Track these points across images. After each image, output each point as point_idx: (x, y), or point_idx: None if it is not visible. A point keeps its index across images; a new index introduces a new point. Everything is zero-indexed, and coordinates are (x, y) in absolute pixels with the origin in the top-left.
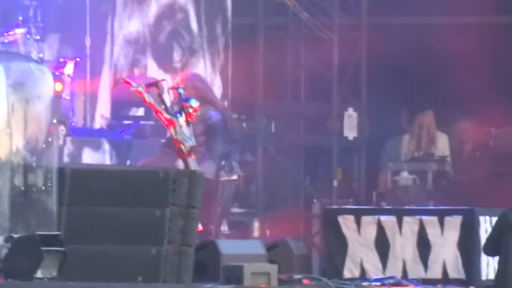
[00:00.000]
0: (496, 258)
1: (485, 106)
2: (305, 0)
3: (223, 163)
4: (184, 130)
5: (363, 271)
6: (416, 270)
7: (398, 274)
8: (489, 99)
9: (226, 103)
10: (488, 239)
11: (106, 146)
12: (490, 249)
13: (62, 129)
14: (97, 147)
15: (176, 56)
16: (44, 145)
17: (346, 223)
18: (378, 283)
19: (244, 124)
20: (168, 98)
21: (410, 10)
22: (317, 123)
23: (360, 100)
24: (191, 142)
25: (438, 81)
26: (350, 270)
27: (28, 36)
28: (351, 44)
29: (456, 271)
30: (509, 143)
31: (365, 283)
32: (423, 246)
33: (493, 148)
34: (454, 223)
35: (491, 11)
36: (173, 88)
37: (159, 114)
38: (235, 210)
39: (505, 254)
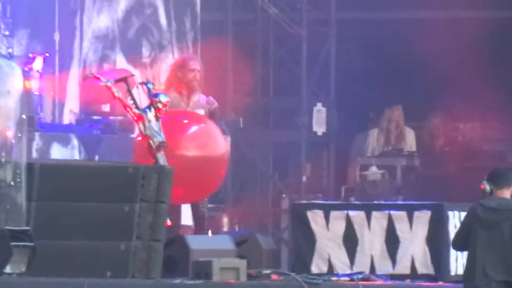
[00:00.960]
0: (465, 253)
1: (453, 101)
2: None
3: None
4: (153, 125)
5: (330, 266)
6: (384, 266)
7: (366, 270)
8: (457, 94)
9: None
10: (457, 234)
11: (75, 141)
12: (459, 244)
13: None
14: (65, 143)
15: (145, 51)
16: (13, 141)
17: (315, 218)
18: (347, 278)
19: None
20: (137, 93)
21: (379, 5)
22: (286, 118)
23: (329, 95)
24: (160, 138)
25: (407, 76)
26: (317, 266)
27: None
28: (320, 39)
29: (424, 266)
30: (476, 138)
31: (334, 278)
32: (392, 241)
33: (462, 143)
34: (422, 218)
35: (462, 6)
36: (142, 83)
37: (128, 109)
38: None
39: (473, 249)
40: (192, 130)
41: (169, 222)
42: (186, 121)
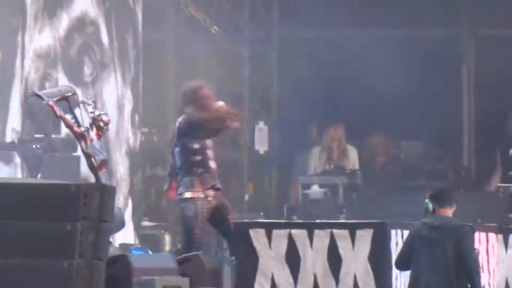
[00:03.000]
0: (406, 272)
1: (395, 119)
2: (216, 14)
3: None
4: (94, 144)
5: (274, 285)
6: (327, 284)
7: None
8: (399, 113)
9: (137, 117)
10: (400, 253)
11: (17, 159)
12: (402, 263)
13: None
14: (8, 161)
15: (87, 69)
16: None
17: (257, 236)
18: None
19: (155, 138)
20: (79, 111)
21: (321, 23)
22: (227, 136)
23: (270, 113)
24: (101, 156)
25: (349, 94)
26: (260, 284)
27: None
28: (262, 58)
29: (367, 284)
30: (417, 156)
31: None
32: (334, 259)
33: (404, 161)
34: (365, 236)
35: (401, 24)
36: (83, 102)
37: (70, 127)
38: (146, 223)
39: (417, 268)
40: None
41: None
42: None
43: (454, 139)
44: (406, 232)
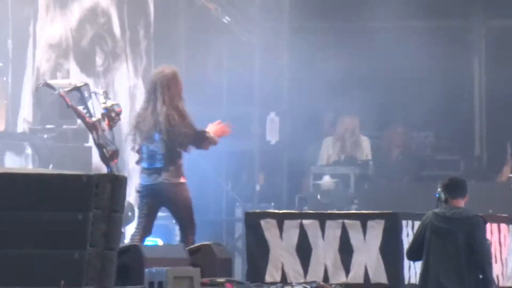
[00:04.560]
0: (418, 262)
1: (405, 110)
2: (227, 5)
3: None
4: (106, 135)
5: (284, 275)
6: (337, 275)
7: (319, 279)
8: (408, 104)
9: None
10: (411, 244)
11: (29, 150)
12: (414, 254)
13: None
14: (19, 151)
15: (99, 60)
16: None
17: (269, 227)
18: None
19: None
20: (91, 102)
21: (333, 14)
22: (239, 127)
23: (282, 104)
24: (113, 147)
25: (363, 86)
26: (271, 275)
27: None
28: (273, 49)
29: (378, 275)
30: (429, 147)
31: (287, 287)
32: (345, 250)
33: (416, 152)
34: (376, 227)
35: (413, 16)
36: (95, 92)
37: (82, 118)
38: (158, 214)
39: (427, 258)
40: None
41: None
42: None
43: (466, 130)
44: (417, 223)
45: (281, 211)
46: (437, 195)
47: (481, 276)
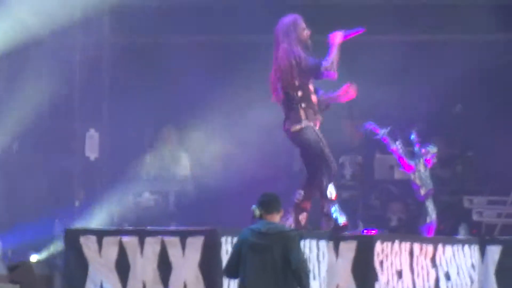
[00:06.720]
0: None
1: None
2: (48, 19)
3: None
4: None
5: None
6: None
7: None
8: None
9: None
10: (228, 261)
11: None
12: (231, 271)
13: None
14: None
15: None
16: None
17: (88, 243)
18: None
19: None
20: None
21: (153, 29)
22: (59, 143)
23: (101, 119)
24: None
25: (182, 98)
26: None
27: None
28: (94, 64)
29: None
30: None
31: None
32: (164, 267)
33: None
34: (195, 243)
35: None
36: None
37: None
38: None
39: (244, 274)
40: None
41: None
42: None
43: None
44: (236, 239)
45: (100, 228)
46: (252, 211)
47: None
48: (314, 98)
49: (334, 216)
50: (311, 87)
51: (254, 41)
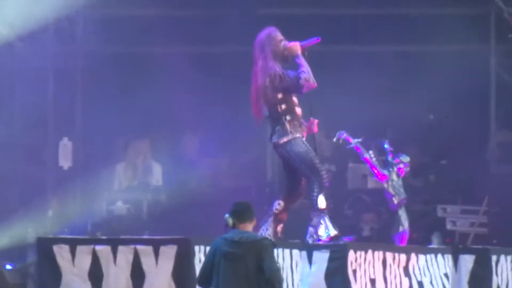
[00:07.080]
0: None
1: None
2: (19, 29)
3: None
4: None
5: None
6: None
7: None
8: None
9: None
10: (201, 270)
11: None
12: (204, 280)
13: None
14: None
15: None
16: None
17: (61, 252)
18: None
19: None
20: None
21: (127, 39)
22: (31, 152)
23: (75, 129)
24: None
25: (153, 108)
26: None
27: None
28: (67, 73)
29: None
30: (221, 172)
31: None
32: (137, 276)
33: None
34: (168, 252)
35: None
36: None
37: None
38: None
39: (217, 283)
40: None
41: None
42: None
43: (258, 158)
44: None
45: (73, 237)
46: (225, 220)
47: None
48: (298, 110)
49: (325, 227)
50: (294, 99)
51: (229, 51)
